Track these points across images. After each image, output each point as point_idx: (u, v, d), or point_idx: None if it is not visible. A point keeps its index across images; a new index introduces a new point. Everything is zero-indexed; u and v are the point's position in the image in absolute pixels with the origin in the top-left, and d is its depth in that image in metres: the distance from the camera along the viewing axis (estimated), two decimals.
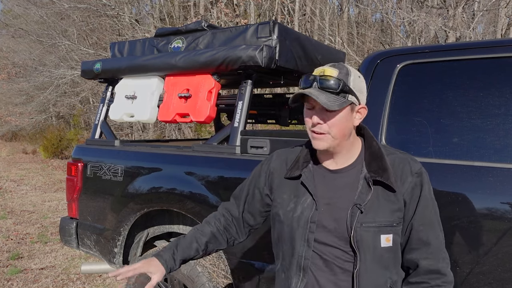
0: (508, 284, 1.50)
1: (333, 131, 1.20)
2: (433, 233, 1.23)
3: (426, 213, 1.23)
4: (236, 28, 2.57)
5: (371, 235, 1.18)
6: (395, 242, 1.22)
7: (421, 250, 1.22)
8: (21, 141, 21.16)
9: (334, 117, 1.19)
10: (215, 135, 2.63)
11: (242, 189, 1.48)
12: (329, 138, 1.21)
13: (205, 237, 1.43)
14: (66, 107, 15.95)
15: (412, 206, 1.22)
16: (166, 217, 2.73)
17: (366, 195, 1.20)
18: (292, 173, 1.32)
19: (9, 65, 16.91)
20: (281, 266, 1.33)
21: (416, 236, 1.22)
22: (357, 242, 1.18)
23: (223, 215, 1.48)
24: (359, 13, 14.23)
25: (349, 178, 1.25)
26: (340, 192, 1.25)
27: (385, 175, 1.20)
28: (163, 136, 11.81)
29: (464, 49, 1.77)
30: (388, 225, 1.19)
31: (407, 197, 1.22)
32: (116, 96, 3.05)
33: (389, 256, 1.21)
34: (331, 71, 1.20)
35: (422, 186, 1.23)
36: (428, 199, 1.24)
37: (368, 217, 1.19)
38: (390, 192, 1.21)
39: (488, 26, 11.60)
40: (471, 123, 1.65)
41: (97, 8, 11.64)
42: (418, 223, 1.22)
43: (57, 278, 4.16)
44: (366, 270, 1.19)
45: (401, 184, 1.22)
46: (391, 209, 1.20)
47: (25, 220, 6.44)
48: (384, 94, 1.85)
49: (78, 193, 2.94)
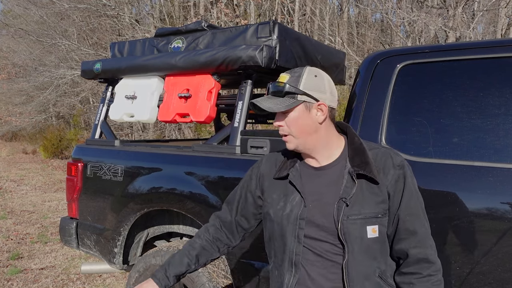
0: (508, 284, 1.50)
1: (292, 130, 1.29)
2: (419, 222, 1.27)
3: (411, 203, 1.27)
4: (236, 28, 2.57)
5: (357, 227, 1.23)
6: (381, 232, 1.26)
7: (409, 239, 1.26)
8: (21, 141, 21.16)
9: (288, 118, 1.29)
10: (215, 135, 2.63)
11: (235, 193, 1.52)
12: (292, 138, 1.30)
13: (194, 250, 1.48)
14: (66, 107, 15.95)
15: (397, 197, 1.27)
16: (166, 217, 2.73)
17: (351, 189, 1.25)
18: (281, 174, 1.38)
19: (9, 65, 16.91)
20: (274, 264, 1.38)
21: (403, 226, 1.27)
22: (344, 235, 1.23)
23: (213, 225, 1.53)
24: (359, 13, 14.23)
25: (334, 174, 1.31)
26: (326, 188, 1.30)
27: (367, 168, 1.25)
28: (163, 136, 11.81)
29: (464, 49, 1.77)
30: (373, 217, 1.24)
31: (391, 189, 1.27)
32: (116, 96, 3.05)
33: (376, 247, 1.26)
34: (283, 77, 1.31)
35: (405, 178, 1.28)
36: (412, 190, 1.28)
37: (353, 209, 1.24)
38: (373, 184, 1.26)
39: (488, 26, 11.61)
40: (471, 123, 1.65)
41: (97, 8, 11.64)
42: (404, 214, 1.26)
43: (57, 278, 4.16)
44: (354, 261, 1.24)
45: (384, 177, 1.27)
46: (375, 201, 1.25)
47: (25, 220, 6.44)
48: (384, 94, 1.85)
49: (78, 193, 2.94)
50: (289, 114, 1.28)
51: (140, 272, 2.52)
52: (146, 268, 2.49)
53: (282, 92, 1.28)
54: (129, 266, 2.81)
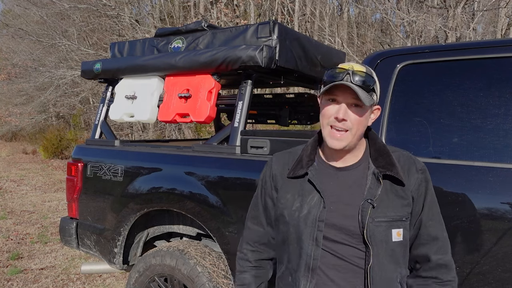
0: (508, 284, 1.50)
1: (355, 128, 1.19)
2: (441, 228, 1.27)
3: (433, 208, 1.27)
4: (236, 28, 2.57)
5: (383, 230, 1.19)
6: (405, 236, 1.23)
7: (431, 244, 1.25)
8: (21, 141, 21.16)
9: (360, 114, 1.19)
10: (215, 135, 2.63)
11: (256, 205, 1.42)
12: (349, 136, 1.19)
13: (251, 285, 1.39)
14: (66, 107, 15.96)
15: (420, 201, 1.25)
16: (166, 217, 2.73)
17: (375, 190, 1.21)
18: (296, 172, 1.29)
19: (9, 65, 16.90)
20: (287, 270, 1.29)
21: (426, 231, 1.25)
22: (370, 238, 1.18)
23: (247, 252, 1.42)
24: (359, 13, 14.23)
25: (357, 175, 1.26)
26: (348, 190, 1.24)
27: (394, 169, 1.23)
28: (163, 136, 11.81)
29: (464, 49, 1.77)
30: (398, 220, 1.21)
31: (414, 193, 1.24)
32: (116, 96, 3.05)
33: (399, 251, 1.23)
34: (361, 67, 1.20)
35: (427, 182, 1.27)
36: (432, 194, 1.28)
37: (379, 211, 1.19)
38: (398, 186, 1.23)
39: (488, 26, 11.61)
40: (471, 123, 1.65)
41: (97, 9, 11.64)
42: (427, 219, 1.25)
43: (57, 278, 4.16)
44: (378, 265, 1.19)
45: (408, 180, 1.24)
46: (400, 203, 1.22)
47: (25, 220, 6.44)
48: (384, 94, 1.85)
49: (78, 193, 2.94)
50: (362, 111, 1.19)
51: (140, 272, 2.52)
52: (146, 268, 2.49)
53: (370, 86, 1.18)
54: (129, 266, 2.81)
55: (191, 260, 2.30)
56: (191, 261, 2.30)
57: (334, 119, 1.19)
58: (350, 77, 1.16)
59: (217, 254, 2.42)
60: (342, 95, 1.18)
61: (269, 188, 1.37)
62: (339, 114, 1.17)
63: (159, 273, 2.44)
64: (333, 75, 1.18)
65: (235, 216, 2.16)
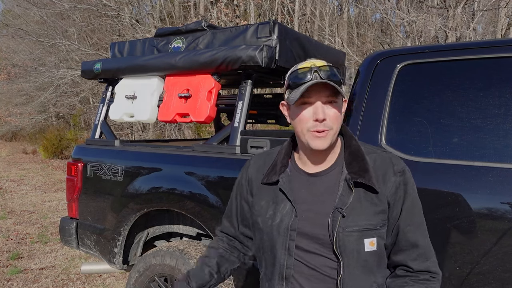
0: (508, 284, 1.50)
1: (335, 125, 1.13)
2: (421, 233, 1.17)
3: (412, 212, 1.17)
4: (236, 28, 2.57)
5: (354, 240, 1.12)
6: (379, 245, 1.16)
7: (410, 251, 1.16)
8: (21, 141, 21.16)
9: (337, 110, 1.12)
10: (215, 135, 2.63)
11: (231, 205, 1.41)
12: (331, 134, 1.13)
13: (213, 259, 1.38)
14: (66, 107, 15.96)
15: (397, 206, 1.16)
16: (166, 217, 2.73)
17: (347, 197, 1.13)
18: (270, 179, 1.24)
19: (9, 65, 16.91)
20: (264, 275, 1.27)
21: (404, 237, 1.16)
22: (339, 248, 1.11)
23: (224, 235, 1.44)
24: (359, 13, 14.24)
25: (329, 181, 1.18)
26: (320, 197, 1.18)
27: (366, 176, 1.14)
28: (163, 136, 11.81)
29: (464, 49, 1.77)
30: (371, 229, 1.13)
31: (391, 198, 1.15)
32: (116, 96, 3.05)
33: (373, 260, 1.15)
34: (322, 62, 1.14)
35: (406, 185, 1.16)
36: (413, 198, 1.18)
37: (350, 220, 1.12)
38: (372, 193, 1.15)
39: (488, 26, 11.61)
40: (471, 123, 1.65)
41: (98, 9, 11.64)
42: (405, 224, 1.16)
43: (57, 278, 4.16)
44: (350, 277, 1.13)
45: (383, 185, 1.15)
46: (374, 211, 1.14)
47: (25, 220, 6.44)
48: (384, 94, 1.85)
49: (78, 193, 2.94)
50: (337, 106, 1.13)
51: (140, 272, 2.52)
52: (146, 268, 2.49)
53: (339, 79, 1.11)
54: (129, 266, 2.81)
55: (191, 260, 2.30)
56: (191, 261, 2.30)
57: (313, 122, 1.11)
58: (318, 73, 1.09)
59: None
60: (315, 95, 1.11)
61: (245, 192, 1.34)
62: (319, 115, 1.09)
63: (159, 273, 2.44)
64: (299, 77, 1.11)
65: None
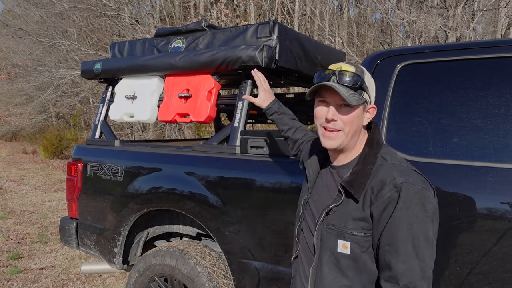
0: (508, 284, 1.50)
1: (347, 128, 1.20)
2: (399, 257, 1.09)
3: (396, 232, 1.10)
4: (236, 28, 2.57)
5: (331, 237, 1.20)
6: (354, 251, 1.16)
7: (385, 271, 1.13)
8: (21, 141, 21.16)
9: (350, 114, 1.19)
10: (215, 135, 2.63)
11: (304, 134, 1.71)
12: (341, 136, 1.21)
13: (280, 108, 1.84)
14: (66, 107, 15.95)
15: (382, 221, 1.13)
16: (166, 217, 2.73)
17: (339, 198, 1.22)
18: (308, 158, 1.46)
19: (9, 65, 16.90)
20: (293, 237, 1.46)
21: (382, 255, 1.13)
22: (319, 241, 1.23)
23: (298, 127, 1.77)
24: (359, 13, 14.23)
25: (339, 177, 1.28)
26: (328, 188, 1.31)
27: (355, 184, 1.17)
28: (163, 136, 11.81)
29: (464, 49, 1.77)
30: (348, 232, 1.17)
31: (376, 210, 1.13)
32: (116, 96, 3.05)
33: (348, 264, 1.18)
34: (349, 67, 1.21)
35: (398, 201, 1.10)
36: (401, 218, 1.10)
37: (334, 219, 1.21)
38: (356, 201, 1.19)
39: (488, 26, 11.61)
40: (471, 123, 1.65)
41: (97, 9, 11.64)
42: (385, 242, 1.12)
43: (57, 278, 4.16)
44: (321, 270, 1.22)
45: (373, 195, 1.15)
46: (354, 216, 1.17)
47: (25, 220, 6.44)
48: (384, 94, 1.85)
49: (78, 193, 2.94)
50: (351, 111, 1.19)
51: (140, 272, 2.52)
52: (146, 268, 2.49)
53: (356, 85, 1.17)
54: (129, 266, 2.81)
55: (191, 260, 2.30)
56: (191, 261, 2.30)
57: (324, 120, 1.22)
58: (336, 77, 1.18)
59: (217, 254, 2.42)
60: (330, 97, 1.21)
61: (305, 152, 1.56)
62: (328, 115, 1.20)
63: (159, 273, 2.44)
64: (322, 77, 1.21)
65: (235, 216, 2.16)
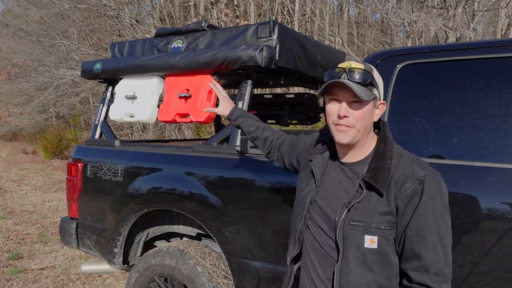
0: (508, 284, 1.50)
1: (358, 124, 1.23)
2: (428, 246, 1.16)
3: (423, 223, 1.16)
4: (236, 28, 2.57)
5: (356, 234, 1.20)
6: (381, 245, 1.19)
7: (413, 261, 1.17)
8: (21, 141, 21.16)
9: (361, 109, 1.22)
10: (215, 135, 2.63)
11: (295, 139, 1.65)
12: (353, 132, 1.23)
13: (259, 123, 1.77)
14: (66, 107, 15.94)
15: (408, 213, 1.18)
16: (166, 217, 2.73)
17: (359, 195, 1.23)
18: (311, 157, 1.44)
19: (9, 65, 16.90)
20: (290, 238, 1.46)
21: (410, 246, 1.18)
22: (342, 239, 1.22)
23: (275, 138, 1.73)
24: (359, 13, 14.23)
25: (354, 174, 1.29)
26: (342, 185, 1.30)
27: (379, 179, 1.20)
28: (163, 136, 11.81)
29: (464, 49, 1.77)
30: (374, 227, 1.19)
31: (401, 203, 1.18)
32: (116, 96, 3.05)
33: (374, 258, 1.20)
34: (358, 65, 1.24)
35: (422, 194, 1.17)
36: (427, 209, 1.17)
37: (356, 215, 1.21)
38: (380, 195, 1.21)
39: (488, 26, 11.60)
40: (471, 123, 1.65)
41: (97, 9, 11.64)
42: (412, 233, 1.17)
43: (57, 278, 4.16)
44: (347, 268, 1.21)
45: (396, 189, 1.19)
46: (380, 211, 1.19)
47: (25, 220, 6.44)
48: (384, 94, 1.85)
49: (78, 193, 2.94)
50: (362, 107, 1.22)
51: (140, 272, 2.52)
52: (146, 268, 2.49)
53: (367, 81, 1.21)
54: (129, 266, 2.81)
55: (191, 260, 2.30)
56: (191, 261, 2.30)
57: (336, 117, 1.24)
58: (347, 75, 1.21)
59: (217, 254, 2.42)
60: (341, 94, 1.23)
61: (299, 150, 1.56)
62: (340, 112, 1.23)
63: (159, 273, 2.44)
64: (332, 75, 1.24)
65: (235, 216, 2.16)
